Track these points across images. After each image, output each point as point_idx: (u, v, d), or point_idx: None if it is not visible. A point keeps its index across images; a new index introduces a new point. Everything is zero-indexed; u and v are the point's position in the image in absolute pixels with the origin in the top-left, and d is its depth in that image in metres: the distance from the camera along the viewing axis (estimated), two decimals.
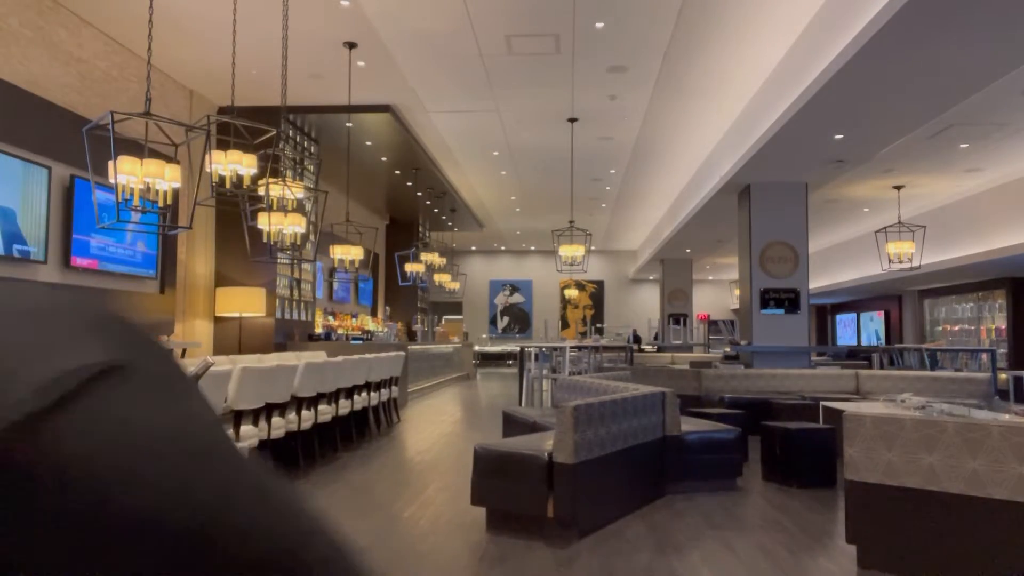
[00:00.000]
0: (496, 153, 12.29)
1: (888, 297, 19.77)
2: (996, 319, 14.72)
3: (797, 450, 5.72)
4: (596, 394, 5.60)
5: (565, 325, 24.48)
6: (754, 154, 8.70)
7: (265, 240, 6.37)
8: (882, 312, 20.43)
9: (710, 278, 25.55)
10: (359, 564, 0.34)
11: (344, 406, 7.06)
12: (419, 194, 14.19)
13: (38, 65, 6.52)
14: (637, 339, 17.64)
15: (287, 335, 10.48)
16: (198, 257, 9.42)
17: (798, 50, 7.09)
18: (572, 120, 10.29)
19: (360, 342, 11.65)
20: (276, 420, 5.55)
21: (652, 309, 23.24)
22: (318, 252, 8.60)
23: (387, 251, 16.97)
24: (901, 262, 11.67)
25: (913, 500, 3.59)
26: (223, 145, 6.04)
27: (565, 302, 24.52)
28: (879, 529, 3.74)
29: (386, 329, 14.31)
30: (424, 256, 14.09)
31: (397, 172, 12.82)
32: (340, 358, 6.94)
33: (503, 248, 24.49)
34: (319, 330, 12.00)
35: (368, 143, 11.11)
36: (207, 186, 5.46)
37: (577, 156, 11.62)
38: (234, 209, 6.75)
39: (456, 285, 17.94)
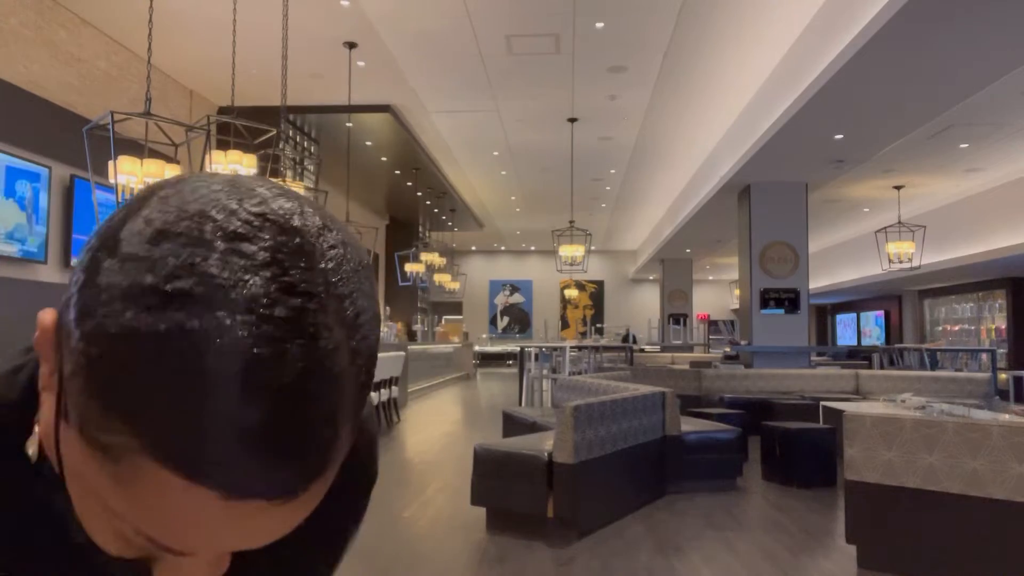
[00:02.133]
0: (496, 153, 12.28)
1: (888, 297, 19.77)
2: (996, 319, 14.72)
3: (797, 450, 5.73)
4: (596, 394, 5.61)
5: (565, 325, 24.48)
6: (754, 154, 8.70)
7: None
8: (882, 312, 20.43)
9: (710, 278, 25.55)
10: None
11: None
12: (419, 194, 14.19)
13: (38, 65, 6.52)
14: (634, 339, 17.12)
15: None
16: None
17: (798, 50, 7.09)
18: (572, 120, 10.29)
19: None
20: None
21: (652, 309, 23.22)
22: None
23: (387, 251, 16.97)
24: (901, 262, 11.67)
25: (913, 500, 3.59)
26: (223, 145, 6.04)
27: (565, 302, 24.51)
28: (879, 529, 3.74)
29: (386, 329, 14.31)
30: (424, 256, 14.08)
31: (397, 172, 12.82)
32: None
33: (503, 248, 24.49)
34: None
35: (368, 143, 11.11)
36: None
37: (577, 156, 11.61)
38: None
39: (456, 285, 17.94)
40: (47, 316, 0.40)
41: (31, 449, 0.44)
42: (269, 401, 0.33)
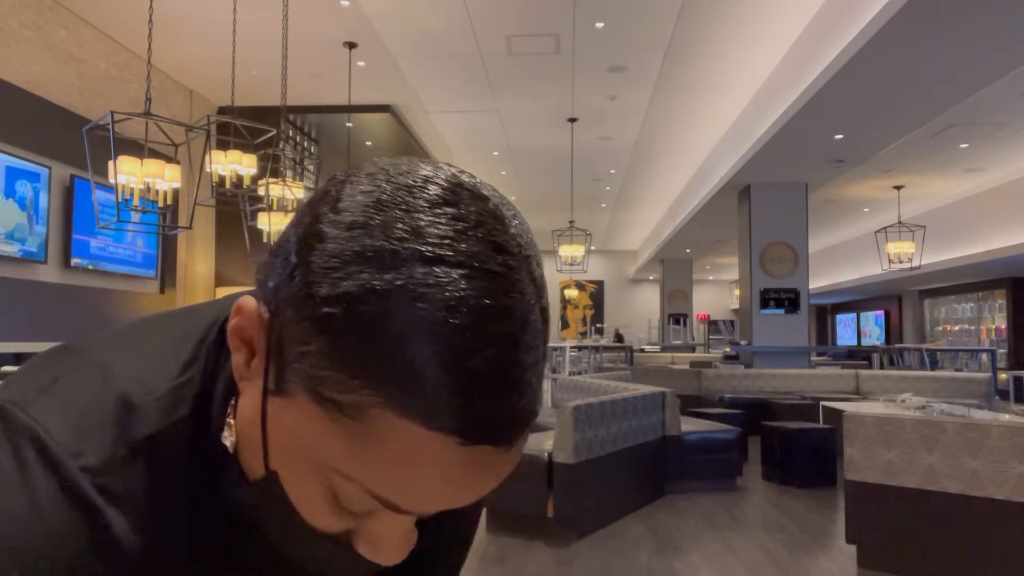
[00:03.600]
0: (496, 153, 12.28)
1: (888, 297, 19.77)
2: (996, 319, 14.72)
3: (797, 450, 5.73)
4: (596, 394, 5.61)
5: (565, 325, 24.47)
6: (754, 154, 8.70)
7: (265, 240, 6.37)
8: (882, 312, 20.43)
9: (710, 278, 25.54)
10: None
11: None
12: None
13: (38, 65, 6.52)
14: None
15: None
16: (198, 257, 9.42)
17: (798, 50, 7.09)
18: (572, 120, 10.29)
19: None
20: None
21: (652, 309, 23.22)
22: None
23: None
24: (901, 262, 11.67)
25: (913, 500, 3.59)
26: (223, 145, 6.04)
27: (565, 302, 24.50)
28: (879, 529, 3.74)
29: None
30: None
31: None
32: None
33: None
34: None
35: (368, 143, 11.11)
36: (207, 186, 5.46)
37: (577, 156, 11.61)
38: (234, 209, 6.75)
39: None
40: (249, 302, 0.42)
41: (228, 440, 0.45)
42: (496, 349, 0.36)
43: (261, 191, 6.06)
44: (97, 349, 0.49)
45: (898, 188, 11.88)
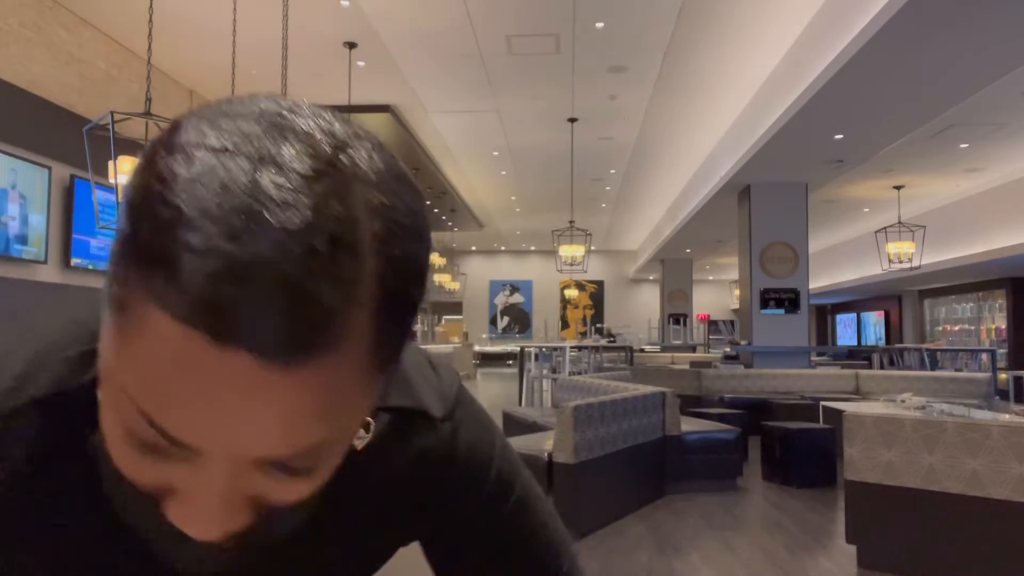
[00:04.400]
0: (496, 153, 12.28)
1: (888, 297, 19.77)
2: (996, 319, 14.71)
3: (797, 450, 5.72)
4: (596, 394, 5.61)
5: (565, 325, 24.47)
6: (754, 154, 8.70)
7: None
8: (882, 313, 20.42)
9: (710, 278, 25.54)
10: None
11: None
12: None
13: (38, 65, 6.52)
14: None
15: None
16: None
17: (798, 50, 7.09)
18: (572, 120, 10.29)
19: None
20: None
21: (652, 309, 23.22)
22: None
23: None
24: (901, 262, 11.67)
25: (913, 500, 3.59)
26: None
27: (565, 302, 24.51)
28: (879, 529, 3.74)
29: None
30: None
31: None
32: None
33: (503, 248, 24.48)
34: None
35: None
36: None
37: (577, 156, 11.61)
38: None
39: (456, 285, 17.94)
40: None
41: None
42: (267, 242, 0.32)
43: None
44: (37, 312, 0.50)
45: (898, 188, 11.88)
